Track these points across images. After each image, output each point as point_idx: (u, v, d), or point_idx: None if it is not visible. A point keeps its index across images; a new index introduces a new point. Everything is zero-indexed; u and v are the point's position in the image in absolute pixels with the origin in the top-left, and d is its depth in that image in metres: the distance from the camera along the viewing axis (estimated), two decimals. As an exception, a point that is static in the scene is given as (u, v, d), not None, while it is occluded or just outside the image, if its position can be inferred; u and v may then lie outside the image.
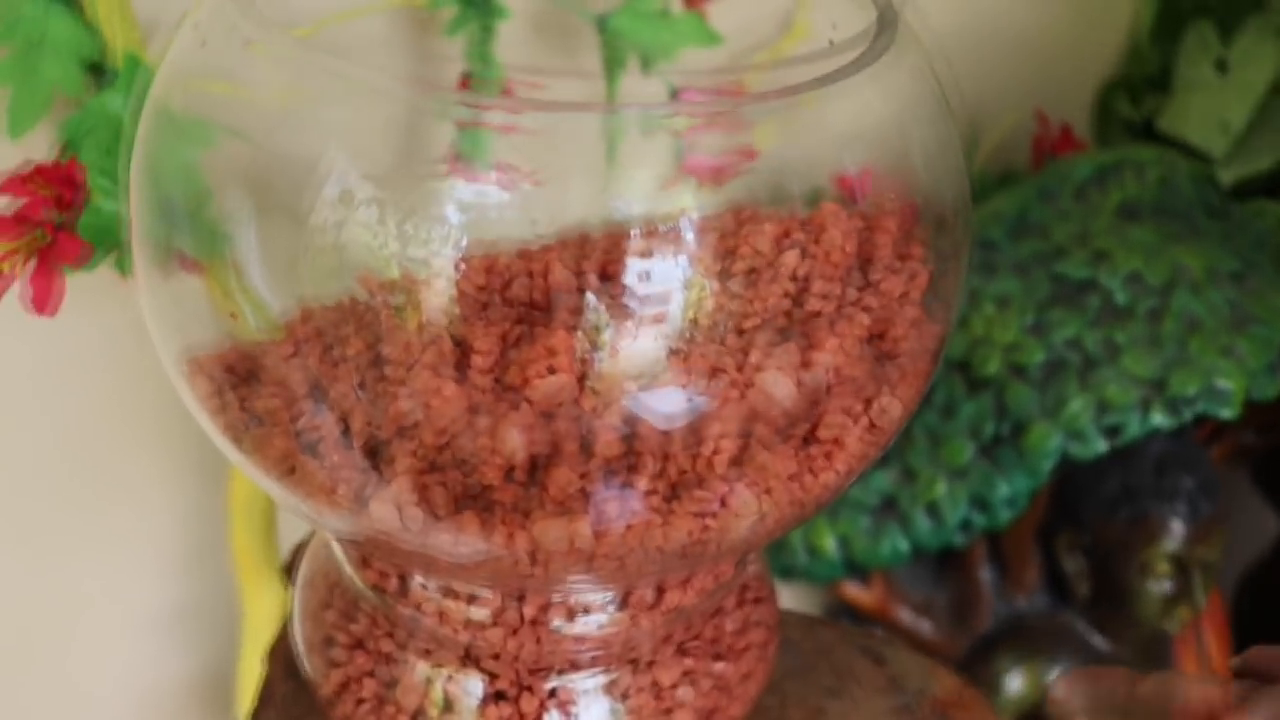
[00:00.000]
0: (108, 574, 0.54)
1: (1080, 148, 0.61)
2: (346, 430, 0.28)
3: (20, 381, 0.50)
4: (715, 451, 0.28)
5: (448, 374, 0.27)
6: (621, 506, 0.27)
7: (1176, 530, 0.53)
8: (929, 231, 0.31)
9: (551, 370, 0.27)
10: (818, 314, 0.29)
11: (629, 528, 0.28)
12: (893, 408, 0.30)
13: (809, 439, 0.29)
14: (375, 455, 0.28)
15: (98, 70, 0.45)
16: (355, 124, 0.28)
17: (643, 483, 0.27)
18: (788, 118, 0.30)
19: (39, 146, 0.43)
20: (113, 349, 0.51)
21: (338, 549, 0.34)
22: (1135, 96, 0.64)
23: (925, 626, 0.55)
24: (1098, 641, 0.55)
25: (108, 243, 0.41)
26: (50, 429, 0.51)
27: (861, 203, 0.31)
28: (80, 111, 0.44)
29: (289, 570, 0.40)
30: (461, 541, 0.28)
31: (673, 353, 0.27)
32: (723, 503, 0.28)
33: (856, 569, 0.53)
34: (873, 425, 0.29)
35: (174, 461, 0.54)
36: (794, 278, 0.29)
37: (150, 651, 0.55)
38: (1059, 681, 0.34)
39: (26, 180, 0.38)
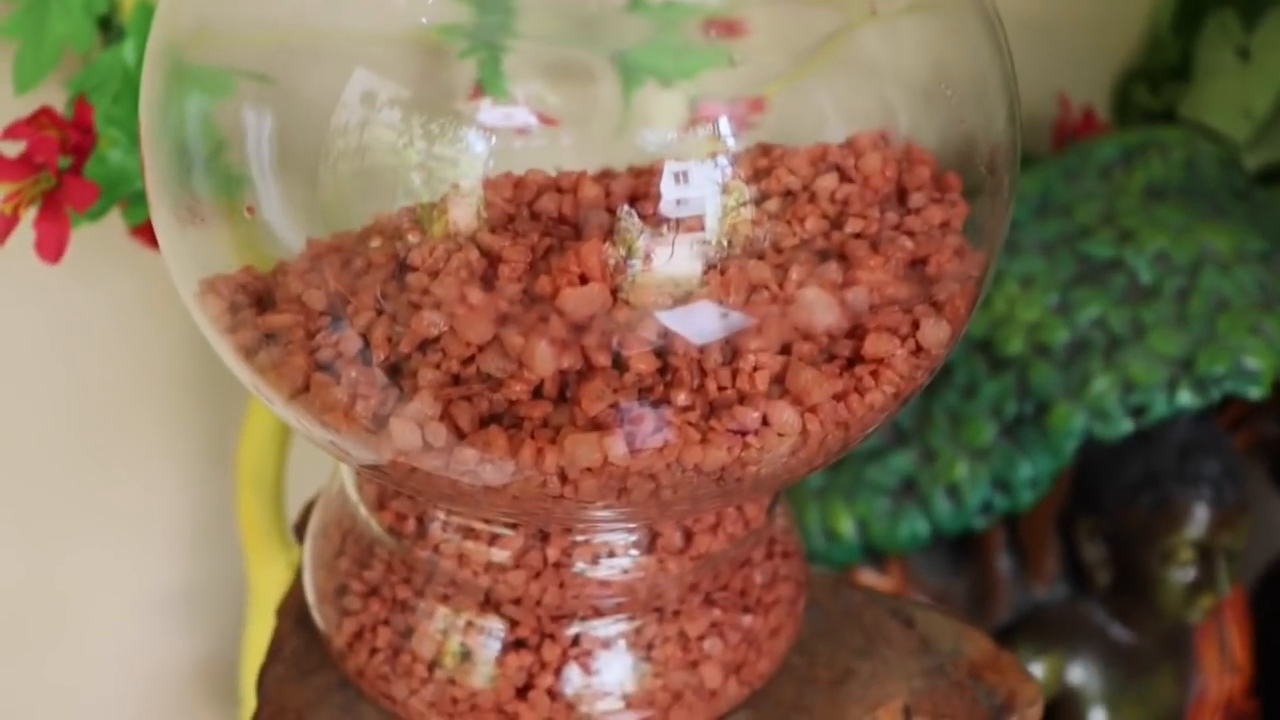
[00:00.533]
0: (113, 551, 0.53)
1: (1102, 131, 0.60)
2: (366, 345, 0.27)
3: (26, 354, 0.49)
4: (755, 368, 0.26)
5: (475, 283, 0.26)
6: (657, 423, 0.26)
7: (1201, 516, 0.52)
8: (972, 164, 0.30)
9: (583, 280, 0.26)
10: (858, 236, 0.28)
11: (665, 445, 0.26)
12: (939, 329, 0.28)
13: (854, 359, 0.28)
14: (396, 371, 0.27)
15: (107, 25, 0.44)
16: (381, 40, 0.27)
17: (680, 398, 0.26)
18: (811, 58, 0.29)
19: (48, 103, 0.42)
20: (121, 321, 0.50)
21: (353, 491, 0.33)
22: (1155, 85, 0.64)
23: (943, 615, 0.54)
24: (1117, 632, 0.53)
25: (115, 193, 0.40)
26: (55, 403, 0.50)
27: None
28: (89, 67, 0.43)
29: (299, 529, 0.39)
30: (487, 460, 0.26)
31: (710, 267, 0.26)
32: (764, 420, 0.27)
33: (874, 553, 0.52)
34: (919, 348, 0.28)
35: (181, 437, 0.53)
36: (833, 200, 0.28)
37: (156, 629, 0.54)
38: None
39: (32, 122, 0.37)
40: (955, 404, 0.52)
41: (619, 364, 0.26)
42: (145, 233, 0.44)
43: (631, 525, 0.30)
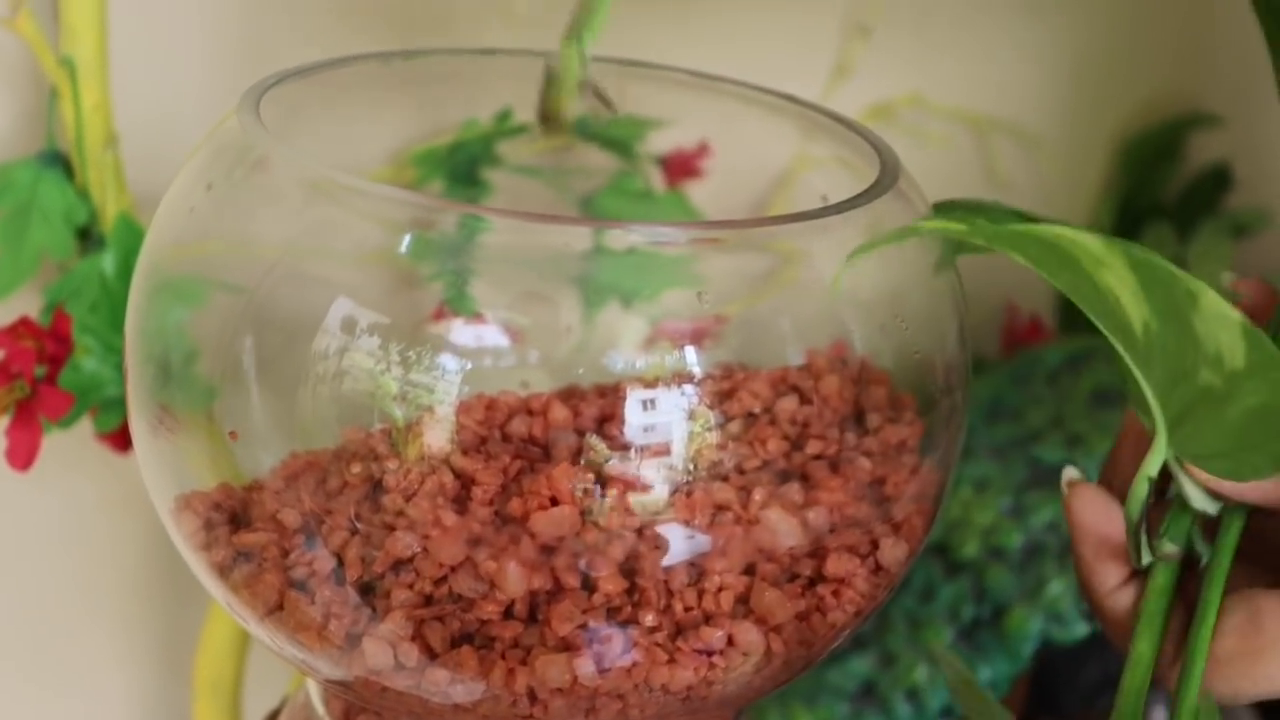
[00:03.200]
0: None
1: (1049, 338, 0.62)
2: (340, 564, 0.27)
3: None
4: (721, 589, 0.27)
5: (448, 505, 0.27)
6: (625, 643, 0.27)
7: (1159, 718, 0.52)
8: (926, 384, 0.31)
9: (554, 502, 0.27)
10: (818, 457, 0.29)
11: (634, 665, 0.27)
12: (898, 549, 0.29)
13: (815, 579, 0.28)
14: (369, 591, 0.27)
15: (85, 235, 0.45)
16: (358, 266, 0.29)
17: (648, 619, 0.27)
18: (769, 281, 0.31)
19: (22, 308, 0.43)
20: (74, 525, 0.50)
21: (319, 706, 0.33)
22: (1098, 293, 0.66)
23: (906, 823, 0.54)
24: (1082, 838, 0.53)
25: (87, 401, 0.41)
26: (2, 607, 0.49)
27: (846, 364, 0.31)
28: (66, 275, 0.44)
29: (260, 741, 0.38)
30: (458, 681, 0.27)
31: (676, 489, 0.27)
32: (730, 640, 0.27)
33: (835, 759, 0.52)
34: (879, 566, 0.29)
35: (133, 644, 0.52)
36: (793, 422, 0.29)
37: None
38: None
39: (11, 332, 0.38)
40: (913, 608, 0.52)
41: (588, 584, 0.27)
42: (113, 439, 0.44)
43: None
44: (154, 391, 0.30)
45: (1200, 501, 0.30)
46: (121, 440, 0.44)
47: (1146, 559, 0.30)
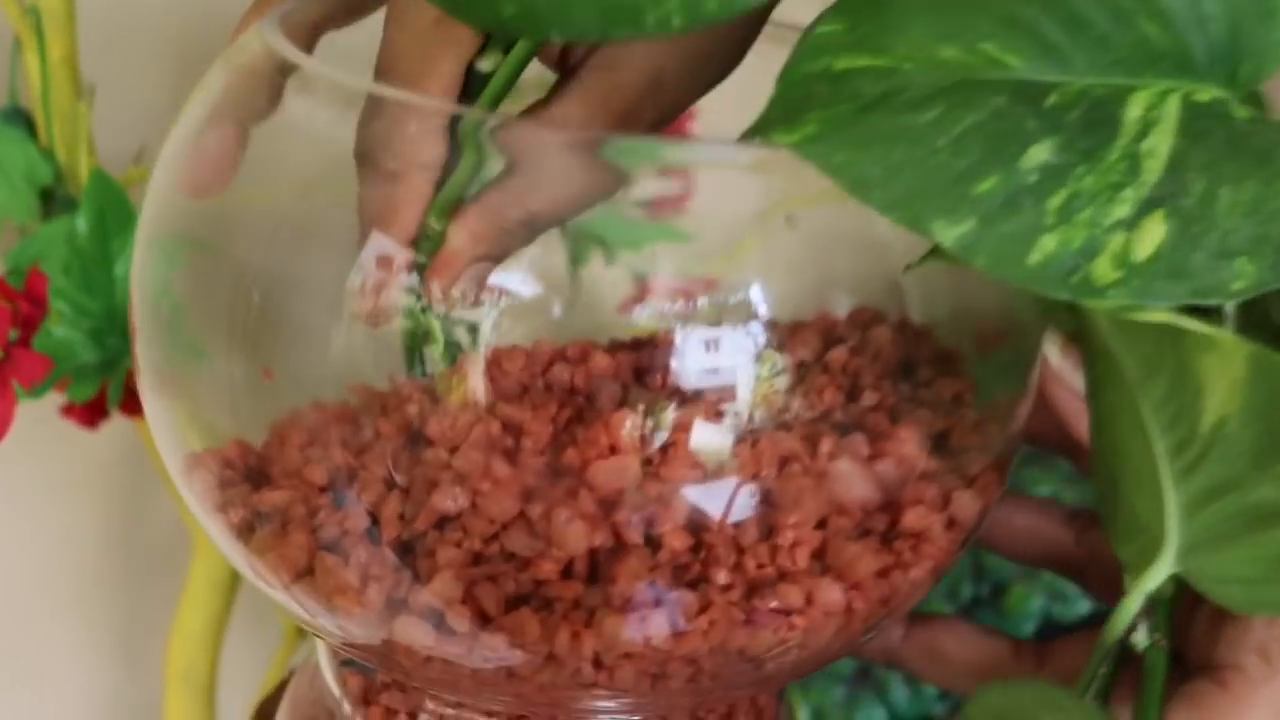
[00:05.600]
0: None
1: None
2: (375, 523, 0.25)
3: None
4: (795, 544, 0.25)
5: (499, 456, 0.25)
6: (699, 603, 0.25)
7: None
8: (988, 339, 0.29)
9: (613, 451, 0.24)
10: (875, 408, 0.27)
11: (711, 625, 0.25)
12: (973, 503, 0.27)
13: (890, 533, 0.26)
14: (409, 551, 0.25)
15: (49, 197, 0.43)
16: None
17: (720, 577, 0.25)
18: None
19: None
20: (26, 510, 0.48)
21: (334, 686, 0.30)
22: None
23: (901, 810, 0.53)
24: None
25: (59, 369, 0.38)
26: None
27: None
28: (29, 238, 0.42)
29: (256, 728, 0.36)
30: (516, 646, 0.25)
31: (739, 440, 0.25)
32: (808, 599, 0.25)
33: (831, 744, 0.51)
34: (953, 521, 0.27)
35: (93, 635, 0.50)
36: (845, 373, 0.27)
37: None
38: None
39: (-16, 294, 0.35)
40: (910, 587, 0.51)
41: (650, 541, 0.25)
42: (82, 412, 0.42)
43: (639, 717, 0.28)
44: (164, 344, 0.28)
45: None
46: (91, 414, 0.42)
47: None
